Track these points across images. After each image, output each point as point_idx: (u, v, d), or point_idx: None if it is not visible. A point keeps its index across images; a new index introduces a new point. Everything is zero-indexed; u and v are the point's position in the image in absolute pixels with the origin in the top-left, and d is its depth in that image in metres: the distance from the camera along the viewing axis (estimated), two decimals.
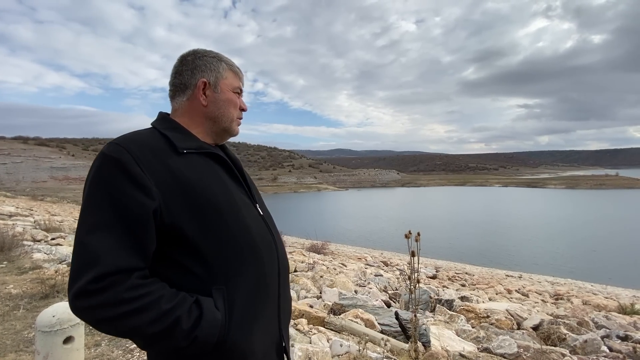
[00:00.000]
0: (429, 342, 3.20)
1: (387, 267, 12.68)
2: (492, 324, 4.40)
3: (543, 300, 9.23)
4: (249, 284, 0.87)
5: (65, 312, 1.90)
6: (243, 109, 1.06)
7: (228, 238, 0.85)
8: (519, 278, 15.01)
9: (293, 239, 20.33)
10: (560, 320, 4.55)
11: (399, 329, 3.62)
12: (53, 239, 7.33)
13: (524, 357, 3.02)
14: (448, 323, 4.13)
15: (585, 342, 3.66)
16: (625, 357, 3.41)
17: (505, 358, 3.05)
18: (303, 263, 8.36)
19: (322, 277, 6.37)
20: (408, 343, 3.08)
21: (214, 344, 0.79)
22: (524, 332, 4.11)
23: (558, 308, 7.91)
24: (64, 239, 7.48)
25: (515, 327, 4.47)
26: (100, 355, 2.73)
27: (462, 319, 4.32)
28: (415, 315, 2.96)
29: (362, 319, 3.68)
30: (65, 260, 5.45)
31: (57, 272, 4.49)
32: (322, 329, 3.34)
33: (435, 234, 28.36)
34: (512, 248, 24.91)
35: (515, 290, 10.19)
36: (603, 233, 30.25)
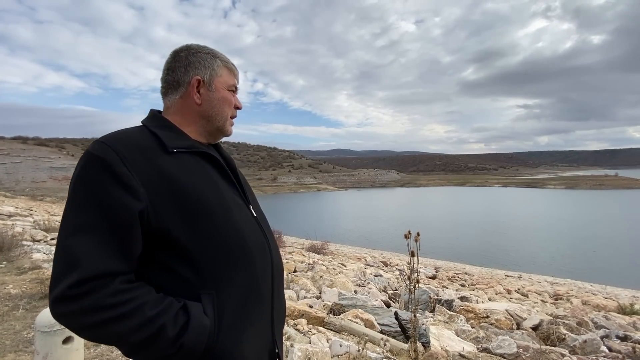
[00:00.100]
0: (429, 342, 3.21)
1: (386, 267, 12.69)
2: (491, 324, 4.40)
3: (542, 301, 9.23)
4: (241, 289, 0.84)
5: None
6: (238, 108, 1.03)
7: (218, 240, 0.82)
8: (519, 278, 15.03)
9: (293, 239, 20.33)
10: (560, 321, 4.55)
11: (399, 329, 3.62)
12: (52, 239, 7.32)
13: (524, 357, 3.03)
14: (447, 323, 4.13)
15: (585, 342, 3.67)
16: (625, 357, 3.41)
17: (505, 358, 3.05)
18: (303, 263, 8.36)
19: (321, 277, 6.37)
20: (408, 343, 3.08)
21: (202, 352, 0.76)
22: (524, 332, 4.11)
23: (557, 308, 7.91)
24: None
25: (515, 327, 4.47)
26: (100, 355, 2.72)
27: (461, 319, 4.32)
28: (415, 316, 2.96)
29: (361, 319, 3.68)
30: None
31: None
32: (321, 329, 3.34)
33: (435, 234, 28.39)
34: (511, 248, 24.95)
35: (515, 291, 10.19)
36: (602, 233, 30.31)
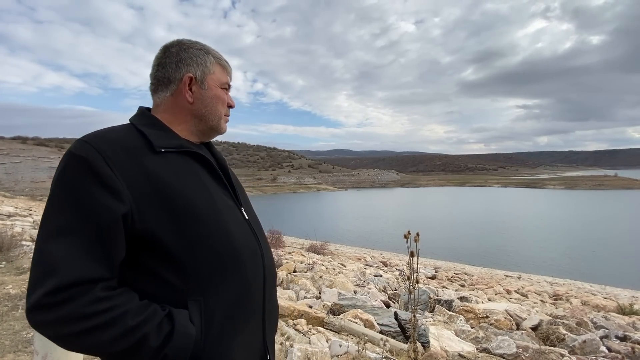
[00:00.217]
0: (428, 342, 3.21)
1: (386, 267, 12.69)
2: (491, 325, 4.41)
3: (542, 301, 9.24)
4: (230, 295, 0.80)
5: None
6: (231, 106, 0.99)
7: (207, 245, 0.78)
8: (518, 278, 15.03)
9: (292, 239, 20.32)
10: (559, 321, 4.55)
11: (398, 329, 3.63)
12: None
13: (523, 357, 3.03)
14: (447, 323, 4.14)
15: (584, 342, 3.67)
16: (624, 357, 3.41)
17: (504, 358, 3.05)
18: (302, 263, 8.35)
19: (321, 277, 6.37)
20: (407, 343, 3.08)
21: None
22: (523, 332, 4.11)
23: (557, 308, 7.92)
24: None
25: (514, 327, 4.47)
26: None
27: (461, 320, 4.33)
28: (415, 316, 2.96)
29: (361, 319, 3.68)
30: None
31: None
32: (321, 329, 3.35)
33: (435, 235, 28.38)
34: (511, 249, 24.94)
35: (515, 291, 10.20)
36: (602, 233, 30.33)
